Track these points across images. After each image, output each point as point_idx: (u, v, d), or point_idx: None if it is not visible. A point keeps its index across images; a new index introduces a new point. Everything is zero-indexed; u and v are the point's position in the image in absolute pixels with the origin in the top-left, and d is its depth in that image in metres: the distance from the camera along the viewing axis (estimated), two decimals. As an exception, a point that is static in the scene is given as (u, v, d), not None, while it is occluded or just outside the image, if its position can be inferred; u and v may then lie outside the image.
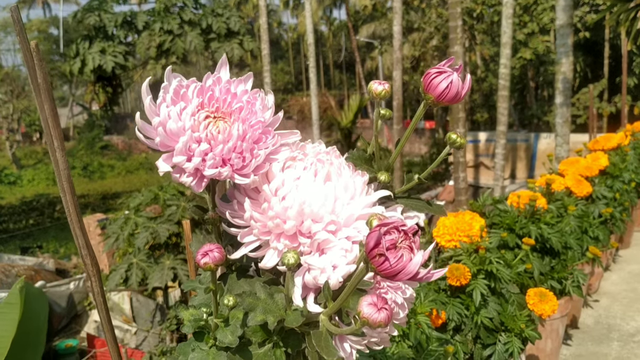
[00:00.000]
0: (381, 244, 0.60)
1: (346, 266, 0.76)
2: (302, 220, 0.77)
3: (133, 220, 6.19)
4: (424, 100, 0.84)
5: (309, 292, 0.79)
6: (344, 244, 0.77)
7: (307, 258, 0.77)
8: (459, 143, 0.86)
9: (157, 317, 7.62)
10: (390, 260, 0.60)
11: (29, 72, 0.97)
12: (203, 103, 0.79)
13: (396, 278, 0.61)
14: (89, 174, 25.11)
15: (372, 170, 0.90)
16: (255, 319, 0.77)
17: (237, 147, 0.76)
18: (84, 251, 1.06)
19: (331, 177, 0.83)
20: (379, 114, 0.89)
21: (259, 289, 0.80)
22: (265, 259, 0.81)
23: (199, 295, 0.92)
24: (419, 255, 0.61)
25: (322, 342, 0.72)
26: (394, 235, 0.61)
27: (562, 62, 7.86)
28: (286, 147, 0.84)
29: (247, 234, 0.81)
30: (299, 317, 0.76)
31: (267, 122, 0.82)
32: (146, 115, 0.77)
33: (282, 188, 0.79)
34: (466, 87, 0.82)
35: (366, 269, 0.64)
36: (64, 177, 1.01)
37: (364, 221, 0.80)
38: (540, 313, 2.38)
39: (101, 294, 1.10)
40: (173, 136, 0.75)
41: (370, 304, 0.63)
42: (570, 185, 3.60)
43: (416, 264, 0.60)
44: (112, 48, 11.22)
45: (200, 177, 0.77)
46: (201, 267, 0.75)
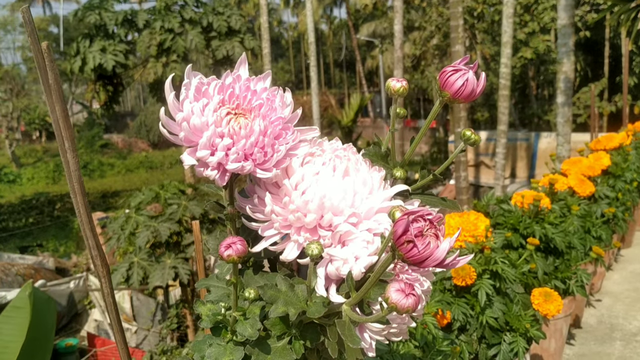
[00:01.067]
0: (409, 231, 0.62)
1: (368, 257, 0.77)
2: (323, 214, 0.78)
3: (134, 219, 6.18)
4: (440, 97, 0.85)
5: (330, 283, 0.80)
6: (366, 235, 0.79)
7: (330, 249, 0.78)
8: (473, 139, 0.87)
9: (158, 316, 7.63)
10: (419, 247, 0.61)
11: (40, 73, 0.98)
12: (224, 100, 0.80)
13: (424, 264, 0.62)
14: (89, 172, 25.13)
15: (388, 167, 0.91)
16: (277, 310, 0.78)
17: (259, 142, 0.78)
18: (94, 252, 1.07)
19: (349, 172, 0.84)
20: (396, 111, 0.90)
21: (280, 282, 0.81)
22: (285, 252, 0.82)
23: (214, 292, 0.93)
24: (445, 242, 0.62)
25: (345, 330, 0.73)
26: (420, 223, 0.63)
27: (563, 62, 7.88)
28: (305, 143, 0.85)
29: (268, 227, 0.83)
30: (320, 308, 0.77)
31: (287, 118, 0.83)
32: (170, 112, 0.79)
33: (302, 182, 0.80)
34: (481, 85, 0.83)
35: (393, 256, 0.66)
36: (74, 178, 1.01)
37: (384, 214, 0.81)
38: (545, 313, 2.39)
39: (111, 295, 1.11)
40: (196, 131, 0.76)
41: (398, 289, 0.65)
42: (573, 185, 3.61)
43: (443, 250, 0.62)
44: (113, 47, 11.21)
45: (223, 171, 0.78)
46: (224, 259, 0.76)
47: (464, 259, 0.66)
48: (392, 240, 0.64)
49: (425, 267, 0.63)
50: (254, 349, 0.84)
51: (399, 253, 0.63)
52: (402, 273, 0.82)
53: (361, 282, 0.76)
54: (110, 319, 1.10)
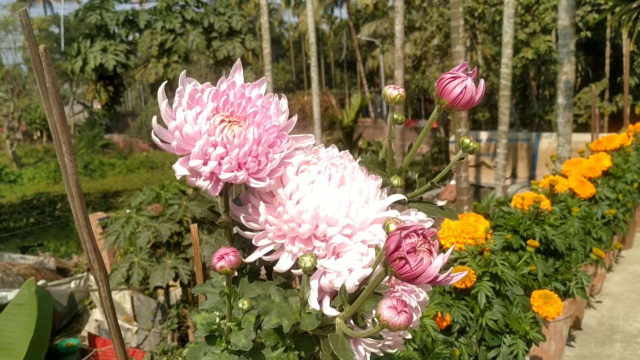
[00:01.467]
0: (402, 247, 0.61)
1: (362, 270, 0.76)
2: (317, 224, 0.77)
3: (134, 219, 6.18)
4: (438, 104, 0.84)
5: (324, 295, 0.79)
6: (360, 247, 0.78)
7: (323, 262, 0.77)
8: (472, 147, 0.86)
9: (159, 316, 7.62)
10: (411, 264, 0.60)
11: (37, 76, 0.97)
12: (218, 107, 0.79)
13: (416, 281, 0.61)
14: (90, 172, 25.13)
15: (385, 175, 0.90)
16: (270, 322, 0.77)
17: (252, 151, 0.77)
18: (91, 255, 1.06)
19: (345, 180, 0.83)
20: (393, 119, 0.90)
21: (274, 293, 0.80)
22: (279, 262, 0.81)
23: (210, 299, 0.93)
24: (438, 258, 0.61)
25: (338, 344, 0.72)
26: (413, 238, 0.61)
27: (564, 62, 7.86)
28: (300, 151, 0.84)
29: (262, 237, 0.82)
30: (314, 321, 0.76)
31: (282, 126, 0.82)
32: (162, 120, 0.78)
33: (297, 192, 0.79)
34: (480, 92, 0.82)
35: (385, 272, 0.65)
36: (72, 182, 1.00)
37: (379, 225, 0.80)
38: (545, 315, 2.38)
39: (109, 299, 1.10)
40: (189, 140, 0.75)
41: (390, 307, 0.64)
42: (574, 186, 3.60)
43: (436, 267, 0.61)
44: (114, 47, 11.22)
45: (216, 181, 0.77)
46: (216, 270, 0.75)
47: (458, 275, 0.65)
48: (385, 256, 0.63)
49: (418, 283, 0.62)
50: (248, 359, 0.83)
51: (391, 269, 0.62)
52: (398, 284, 0.81)
53: (355, 295, 0.75)
54: (108, 322, 1.10)
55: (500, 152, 10.30)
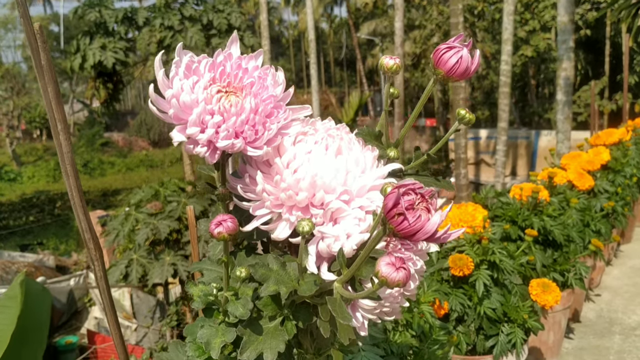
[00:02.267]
0: (400, 203, 0.61)
1: (360, 234, 0.77)
2: (315, 192, 0.78)
3: (133, 217, 6.18)
4: (434, 75, 0.85)
5: (322, 261, 0.79)
6: (357, 213, 0.78)
7: (322, 227, 0.78)
8: (467, 119, 0.87)
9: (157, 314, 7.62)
10: (409, 219, 0.61)
11: (32, 54, 0.98)
12: (215, 78, 0.80)
13: (414, 237, 0.62)
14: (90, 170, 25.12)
15: (382, 147, 0.90)
16: (268, 289, 0.77)
17: (249, 120, 0.77)
18: (87, 235, 1.07)
19: (342, 151, 0.83)
20: (390, 90, 0.90)
21: (272, 260, 0.80)
22: (277, 230, 0.81)
23: (207, 275, 0.93)
24: (437, 215, 0.62)
25: (336, 307, 0.73)
26: (411, 196, 0.62)
27: (563, 59, 7.87)
28: (297, 122, 0.85)
29: (259, 207, 0.82)
30: (312, 286, 0.77)
31: (279, 97, 0.83)
32: (159, 90, 0.78)
33: (294, 161, 0.80)
34: (475, 63, 0.83)
35: (384, 230, 0.65)
36: (67, 160, 1.01)
37: (377, 192, 0.81)
38: (544, 304, 2.38)
39: (104, 279, 1.11)
40: (186, 108, 0.76)
41: (388, 263, 0.64)
42: (573, 178, 3.61)
43: (434, 223, 0.61)
44: (113, 44, 11.21)
45: (214, 149, 0.77)
46: (214, 237, 0.75)
47: (456, 232, 0.65)
48: (383, 214, 0.63)
49: (416, 240, 0.62)
50: (245, 330, 0.84)
51: (389, 226, 0.63)
52: (395, 252, 0.82)
53: (352, 260, 0.76)
54: (104, 303, 1.10)
55: (500, 149, 10.31)
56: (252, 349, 0.82)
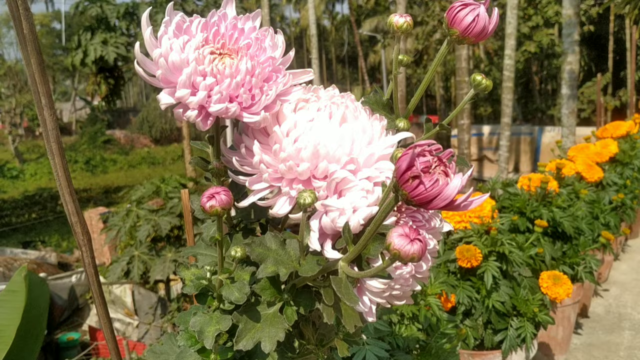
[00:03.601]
0: (415, 165, 0.54)
1: (367, 208, 0.69)
2: (317, 163, 0.70)
3: (135, 213, 6.16)
4: (448, 36, 0.77)
5: (326, 238, 0.72)
6: (365, 184, 0.70)
7: (325, 200, 0.70)
8: (484, 85, 0.80)
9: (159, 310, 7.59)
10: (425, 184, 0.53)
11: (14, 23, 0.91)
12: (207, 39, 0.72)
13: (431, 205, 0.54)
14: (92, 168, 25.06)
15: (391, 117, 0.83)
16: (266, 270, 0.70)
17: (245, 83, 0.70)
18: (73, 218, 0.99)
19: (347, 119, 0.76)
20: (399, 52, 0.83)
21: (270, 239, 0.73)
22: (276, 206, 0.74)
23: (201, 260, 0.86)
24: (457, 178, 0.54)
25: (342, 288, 0.65)
26: (427, 157, 0.54)
27: (568, 53, 7.79)
28: (298, 88, 0.77)
29: (257, 180, 0.75)
30: (314, 266, 0.69)
31: (278, 60, 0.76)
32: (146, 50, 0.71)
33: (295, 129, 0.73)
34: (493, 22, 0.76)
35: (396, 197, 0.57)
36: (52, 138, 0.94)
37: (386, 161, 0.73)
38: (555, 297, 2.30)
39: (92, 265, 1.03)
40: (175, 69, 0.69)
41: (401, 235, 0.56)
42: (581, 170, 3.53)
43: (454, 187, 0.54)
44: (114, 39, 11.17)
45: (206, 114, 0.70)
46: (206, 211, 0.68)
47: (478, 199, 0.58)
48: (395, 179, 0.56)
49: (433, 207, 0.55)
50: (241, 317, 0.76)
51: (402, 192, 0.55)
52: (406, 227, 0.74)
53: (358, 237, 0.68)
54: (92, 291, 1.03)
55: (503, 145, 10.22)
56: (249, 337, 0.74)
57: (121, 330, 7.40)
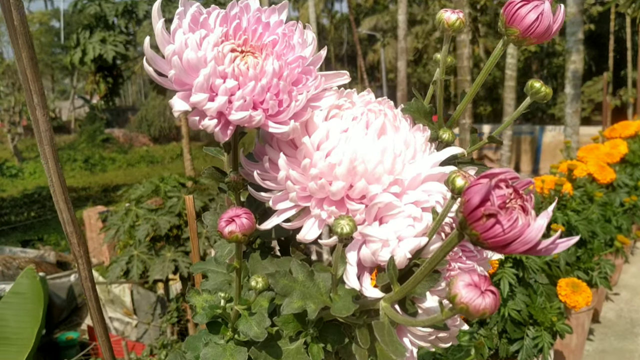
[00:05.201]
0: (490, 200, 0.44)
1: (415, 239, 0.59)
2: (353, 182, 0.61)
3: (134, 212, 6.10)
4: (505, 36, 0.67)
5: (363, 272, 0.62)
6: (411, 210, 0.60)
7: (366, 228, 0.60)
8: (543, 93, 0.70)
9: (158, 310, 7.54)
10: (503, 224, 0.44)
11: (4, 14, 0.81)
12: (227, 34, 0.62)
13: (508, 249, 0.44)
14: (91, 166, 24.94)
15: (432, 127, 0.73)
16: (292, 305, 0.60)
17: (272, 87, 0.60)
18: (69, 228, 0.90)
19: (386, 130, 0.66)
20: (447, 54, 0.73)
21: (297, 268, 0.63)
22: (304, 230, 0.64)
23: (212, 278, 0.76)
24: (542, 217, 0.44)
25: (385, 335, 0.55)
26: (504, 190, 0.45)
27: (572, 51, 7.70)
28: (330, 93, 0.67)
29: (282, 199, 0.65)
30: (349, 305, 0.59)
31: (308, 60, 0.66)
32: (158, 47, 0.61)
33: (327, 141, 0.62)
34: (559, 21, 0.66)
35: (460, 236, 0.48)
36: (45, 140, 0.84)
37: (435, 183, 0.63)
38: (573, 305, 2.21)
39: (89, 278, 0.94)
40: (191, 69, 0.59)
41: (469, 284, 0.46)
42: (593, 171, 3.42)
43: (539, 229, 0.44)
44: (113, 37, 11.07)
45: (225, 123, 0.60)
46: (225, 237, 0.58)
47: (566, 242, 0.47)
48: (462, 214, 0.46)
49: (510, 252, 0.45)
50: (260, 352, 0.67)
51: (472, 232, 0.45)
52: (454, 261, 0.64)
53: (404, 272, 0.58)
54: (89, 306, 0.94)
55: (505, 144, 10.12)
56: (269, 376, 0.65)
57: (120, 329, 7.36)
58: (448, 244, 0.49)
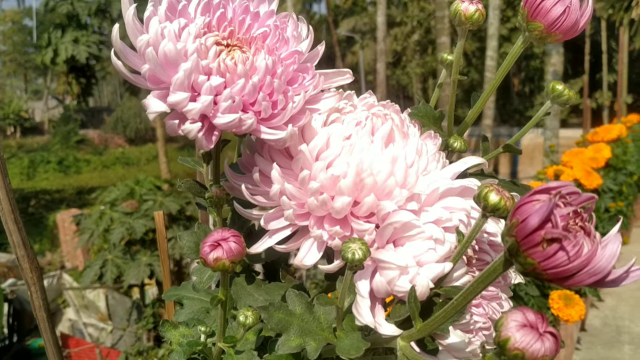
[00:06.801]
0: (552, 222, 0.35)
1: (437, 265, 0.50)
2: (360, 197, 0.51)
3: (108, 216, 6.00)
4: (526, 31, 0.59)
5: (375, 303, 0.52)
6: (432, 230, 0.51)
7: (380, 253, 0.50)
8: (566, 96, 0.62)
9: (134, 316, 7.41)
10: (569, 251, 0.35)
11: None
12: (210, 25, 0.53)
13: (571, 281, 0.36)
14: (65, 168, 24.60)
15: (442, 134, 0.64)
16: (289, 344, 0.50)
17: (265, 85, 0.50)
18: (19, 251, 0.79)
19: (394, 137, 0.57)
20: (461, 51, 0.64)
21: (293, 299, 0.53)
22: (301, 253, 0.54)
23: (188, 306, 0.66)
24: (613, 242, 0.36)
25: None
26: (564, 209, 0.36)
27: (552, 54, 7.69)
28: (330, 94, 0.58)
29: (275, 217, 0.55)
30: (359, 343, 0.49)
31: (304, 55, 0.56)
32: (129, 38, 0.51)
33: (328, 150, 0.53)
34: (586, 15, 0.57)
35: (506, 263, 0.38)
36: None
37: (456, 198, 0.53)
38: (567, 319, 2.13)
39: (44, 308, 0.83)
40: (169, 64, 0.49)
41: (523, 325, 0.37)
42: (580, 177, 3.37)
43: (610, 256, 0.36)
44: (86, 37, 10.88)
45: (210, 128, 0.50)
46: (209, 264, 0.48)
47: (637, 270, 0.39)
48: (514, 238, 0.36)
49: (573, 284, 0.36)
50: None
51: (526, 260, 0.36)
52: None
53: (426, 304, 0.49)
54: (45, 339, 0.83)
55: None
56: None
57: (94, 335, 7.23)
58: (491, 273, 0.40)
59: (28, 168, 24.25)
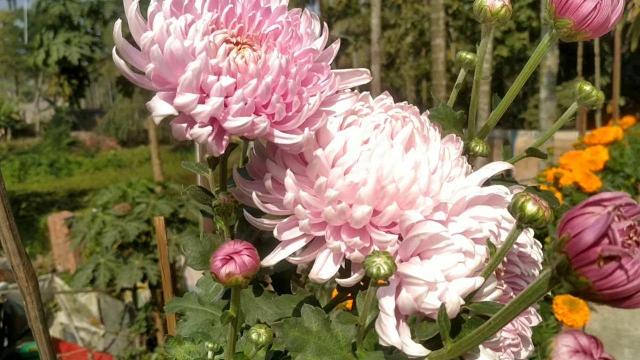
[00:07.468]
0: (610, 237, 0.31)
1: (468, 279, 0.46)
2: (381, 206, 0.48)
3: (101, 218, 5.97)
4: (554, 28, 0.55)
5: (399, 321, 0.48)
6: (461, 242, 0.47)
7: (406, 267, 0.47)
8: (594, 97, 0.58)
9: (126, 319, 7.38)
10: (628, 269, 0.31)
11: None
12: (218, 21, 0.49)
13: (628, 302, 0.32)
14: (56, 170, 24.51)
15: (463, 137, 0.61)
16: (305, 364, 0.47)
17: (278, 86, 0.46)
18: (15, 260, 0.76)
19: (415, 141, 0.53)
20: (485, 51, 0.61)
21: (309, 315, 0.49)
22: (316, 265, 0.51)
23: (192, 318, 0.62)
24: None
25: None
26: (621, 223, 0.32)
27: (547, 55, 7.69)
28: (346, 96, 0.54)
29: (288, 226, 0.51)
30: (382, 364, 0.46)
31: (318, 54, 0.53)
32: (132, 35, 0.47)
33: (345, 155, 0.50)
34: (618, 12, 0.54)
35: (553, 281, 0.35)
36: None
37: (486, 206, 0.50)
38: (571, 324, 2.09)
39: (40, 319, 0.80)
40: (175, 63, 0.45)
41: (576, 351, 0.34)
42: (579, 179, 3.35)
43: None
44: (78, 39, 10.82)
45: (220, 132, 0.46)
46: (221, 280, 0.45)
47: None
48: (565, 255, 0.33)
49: (630, 306, 0.33)
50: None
51: (579, 279, 0.33)
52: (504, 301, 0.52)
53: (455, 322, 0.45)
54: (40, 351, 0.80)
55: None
56: None
57: (86, 340, 7.19)
58: (534, 292, 0.36)
59: (19, 170, 24.16)
